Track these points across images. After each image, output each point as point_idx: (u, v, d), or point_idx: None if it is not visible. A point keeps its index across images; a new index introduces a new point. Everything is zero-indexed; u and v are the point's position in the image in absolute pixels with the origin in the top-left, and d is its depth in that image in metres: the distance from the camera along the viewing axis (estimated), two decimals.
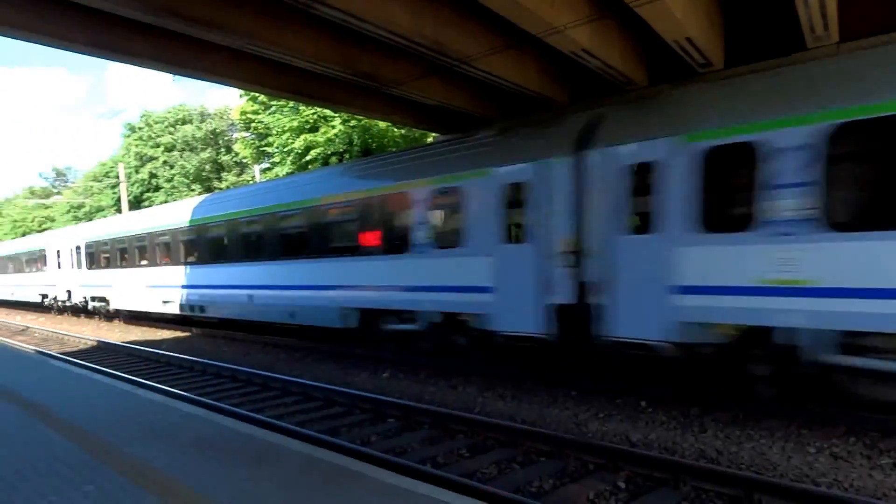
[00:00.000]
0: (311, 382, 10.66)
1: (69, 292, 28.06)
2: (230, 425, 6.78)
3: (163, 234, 20.53)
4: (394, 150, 21.86)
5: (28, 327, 24.73)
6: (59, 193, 76.72)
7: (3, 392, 8.99)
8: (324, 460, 5.46)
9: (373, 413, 9.03)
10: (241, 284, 16.47)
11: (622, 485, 6.07)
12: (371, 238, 12.84)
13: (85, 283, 26.47)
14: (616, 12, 10.08)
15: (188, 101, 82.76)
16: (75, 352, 16.85)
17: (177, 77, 12.73)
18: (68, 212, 62.40)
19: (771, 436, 7.23)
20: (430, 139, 21.47)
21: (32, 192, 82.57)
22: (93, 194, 58.05)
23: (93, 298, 26.10)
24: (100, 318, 26.39)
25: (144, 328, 22.05)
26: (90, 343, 18.51)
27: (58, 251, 29.18)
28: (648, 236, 8.79)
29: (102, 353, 16.58)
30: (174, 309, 20.06)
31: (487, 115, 14.46)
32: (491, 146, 11.31)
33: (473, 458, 7.01)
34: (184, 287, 19.28)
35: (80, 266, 26.81)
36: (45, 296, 30.84)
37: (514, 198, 10.36)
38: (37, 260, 31.83)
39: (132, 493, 4.75)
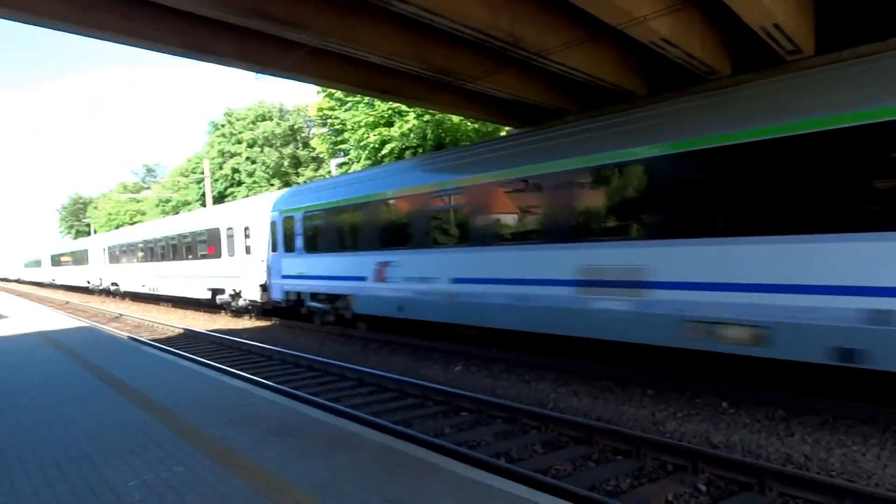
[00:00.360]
0: (385, 373, 10.84)
1: (101, 280, 41.23)
2: (309, 413, 7.00)
3: (136, 243, 33.54)
4: (465, 143, 22.03)
5: (122, 314, 26.26)
6: (148, 188, 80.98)
7: (102, 375, 9.60)
8: (399, 450, 5.56)
9: (446, 405, 9.10)
10: (170, 275, 28.09)
11: (703, 487, 5.89)
12: (210, 250, 23.91)
13: (108, 274, 39.32)
14: (699, 0, 9.76)
15: (267, 98, 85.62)
16: (164, 339, 17.78)
17: (259, 75, 13.14)
18: (157, 205, 65.68)
19: (864, 442, 6.84)
20: (503, 133, 21.36)
21: (125, 188, 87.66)
22: (179, 189, 60.91)
23: (112, 284, 38.57)
24: (119, 297, 37.82)
25: (227, 318, 22.99)
26: (177, 331, 19.48)
27: (94, 251, 42.54)
28: (276, 253, 19.11)
29: (189, 340, 17.42)
30: (147, 290, 31.61)
31: (563, 107, 14.27)
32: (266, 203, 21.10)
33: (547, 455, 6.96)
34: (144, 275, 31.88)
35: (108, 262, 39.26)
36: (89, 281, 44.19)
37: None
38: (82, 257, 45.65)
39: (219, 475, 4.98)
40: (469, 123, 24.73)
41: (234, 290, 22.15)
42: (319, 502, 4.37)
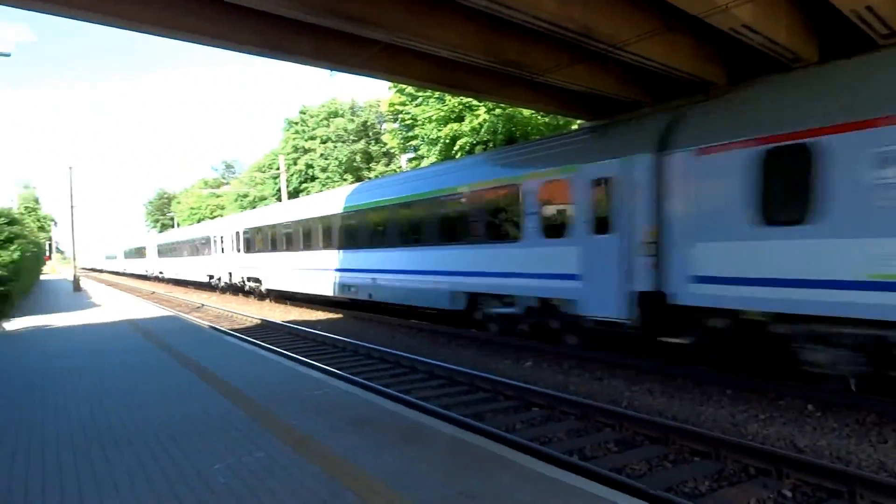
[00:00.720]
0: (455, 367, 10.89)
1: (153, 269, 54.09)
2: (382, 404, 7.13)
3: (171, 243, 47.32)
4: (536, 138, 21.85)
5: (203, 305, 27.43)
6: (227, 184, 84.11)
7: (187, 362, 10.06)
8: (471, 443, 5.59)
9: (517, 401, 9.06)
10: (188, 266, 40.48)
11: (788, 493, 5.63)
12: (207, 250, 35.47)
13: (157, 265, 52.39)
14: None
15: (340, 94, 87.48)
16: (243, 328, 18.45)
17: (333, 72, 13.44)
18: (236, 200, 68.13)
19: None
20: (574, 126, 21.05)
21: (206, 183, 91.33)
22: (256, 184, 63.00)
23: (159, 272, 51.32)
24: (168, 282, 48.51)
25: (302, 309, 23.66)
26: (255, 321, 20.18)
27: (149, 248, 56.36)
28: (233, 252, 30.75)
29: (266, 330, 18.01)
30: (177, 276, 44.20)
31: (637, 99, 13.94)
32: (222, 225, 34.68)
33: (622, 454, 6.83)
34: (175, 265, 45.05)
35: (157, 256, 52.13)
36: (146, 270, 57.13)
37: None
38: (142, 252, 59.69)
39: (297, 462, 5.14)
40: (540, 117, 24.50)
41: (218, 276, 34.13)
42: (395, 492, 4.44)
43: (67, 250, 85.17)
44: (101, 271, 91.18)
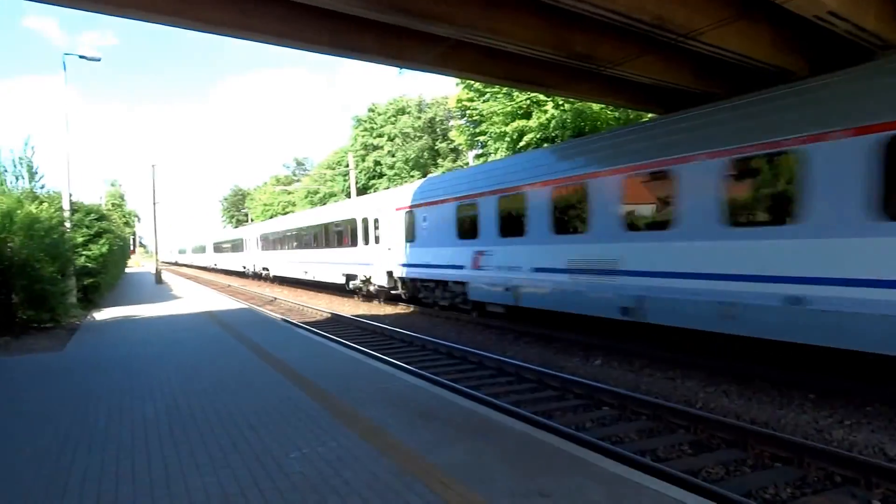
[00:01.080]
0: (524, 364, 10.85)
1: (211, 262, 66.14)
2: (451, 398, 7.16)
3: (220, 241, 62.23)
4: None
5: (276, 298, 28.28)
6: (298, 181, 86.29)
7: (261, 353, 10.40)
8: (541, 440, 5.55)
9: (587, 399, 8.96)
10: (230, 259, 55.83)
11: None
12: (240, 248, 50.63)
13: (213, 259, 64.91)
14: None
15: (408, 90, 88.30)
16: (313, 322, 18.93)
17: (401, 70, 13.59)
18: (306, 197, 69.85)
19: None
20: (646, 119, 20.54)
21: (277, 180, 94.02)
22: (326, 181, 64.41)
23: (214, 263, 63.86)
24: (217, 272, 62.01)
25: (370, 304, 24.05)
26: (325, 315, 20.66)
27: (208, 245, 69.20)
28: (257, 249, 44.90)
29: (336, 324, 18.42)
30: (223, 267, 59.01)
31: (711, 91, 13.47)
32: (246, 230, 52.52)
33: (697, 456, 6.64)
34: (222, 259, 59.49)
35: (213, 251, 65.06)
36: (206, 263, 70.30)
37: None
38: (203, 248, 73.12)
39: (368, 453, 5.24)
40: (609, 111, 24.03)
41: (248, 267, 46.93)
42: (466, 486, 4.47)
43: (149, 244, 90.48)
44: (175, 264, 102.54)
